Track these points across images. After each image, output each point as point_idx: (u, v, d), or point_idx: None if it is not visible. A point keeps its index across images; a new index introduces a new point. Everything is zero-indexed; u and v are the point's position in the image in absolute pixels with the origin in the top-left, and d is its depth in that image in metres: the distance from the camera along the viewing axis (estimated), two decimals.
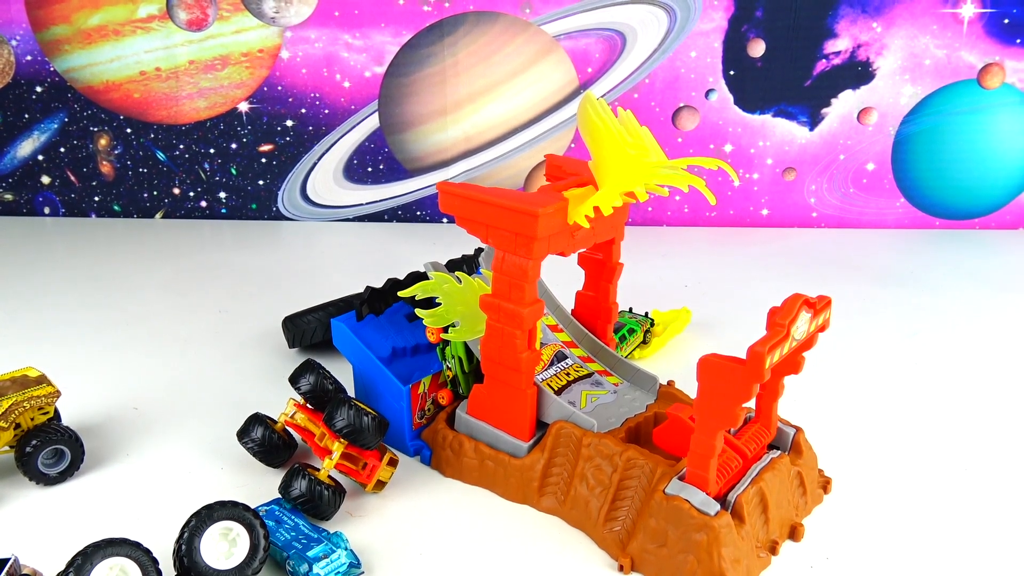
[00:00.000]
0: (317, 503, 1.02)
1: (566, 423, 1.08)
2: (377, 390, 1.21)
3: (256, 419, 1.15)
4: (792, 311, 0.90)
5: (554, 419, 1.09)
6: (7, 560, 0.85)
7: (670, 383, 1.22)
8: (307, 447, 1.20)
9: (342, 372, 1.26)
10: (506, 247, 1.02)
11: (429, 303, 1.15)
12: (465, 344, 1.17)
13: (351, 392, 1.28)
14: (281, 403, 1.22)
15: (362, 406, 1.06)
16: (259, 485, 1.12)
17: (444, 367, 1.21)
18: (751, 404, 0.91)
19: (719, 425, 0.90)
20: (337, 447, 1.06)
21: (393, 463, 1.11)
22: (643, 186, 1.02)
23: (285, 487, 1.04)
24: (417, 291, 1.14)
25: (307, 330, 1.48)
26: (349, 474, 1.09)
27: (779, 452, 1.05)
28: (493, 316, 1.07)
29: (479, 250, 1.35)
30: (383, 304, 1.27)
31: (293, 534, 0.98)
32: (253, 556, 0.91)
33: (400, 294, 1.18)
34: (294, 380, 1.16)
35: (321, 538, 0.97)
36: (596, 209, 1.01)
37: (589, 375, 1.23)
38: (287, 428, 1.16)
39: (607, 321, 1.27)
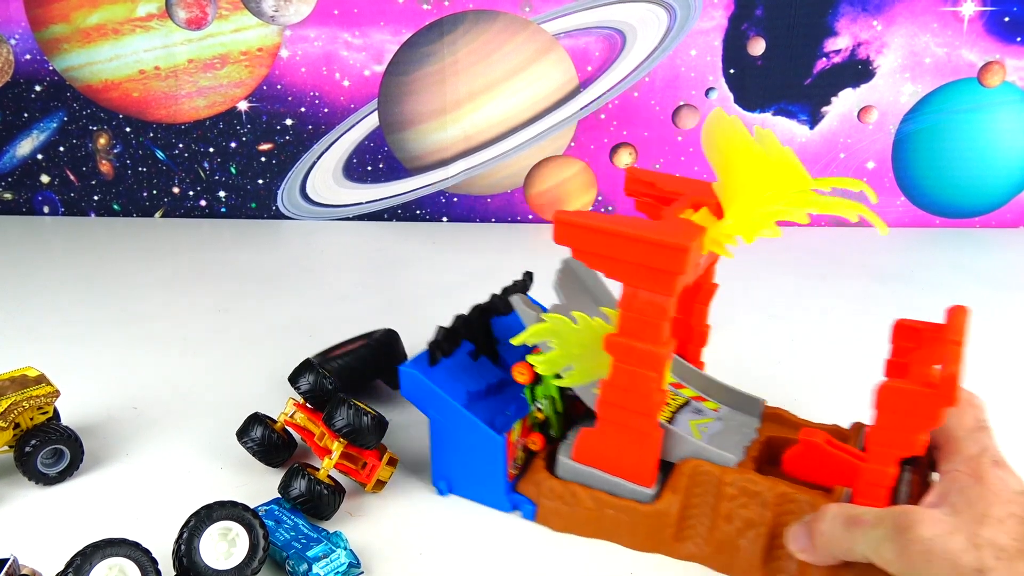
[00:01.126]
0: (316, 503, 1.02)
1: (702, 461, 0.98)
2: (463, 442, 1.07)
3: (255, 419, 1.15)
4: (962, 325, 0.85)
5: (681, 457, 0.99)
6: (6, 560, 0.85)
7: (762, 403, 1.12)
8: (307, 447, 1.20)
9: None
10: (639, 283, 0.90)
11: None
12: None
13: (426, 447, 1.13)
14: (280, 402, 1.22)
15: (362, 405, 1.06)
16: (259, 485, 1.12)
17: (532, 409, 1.09)
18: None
19: (897, 453, 0.84)
20: (337, 447, 1.06)
21: (393, 463, 1.11)
22: (801, 210, 0.92)
23: (285, 487, 1.03)
24: (529, 337, 1.00)
25: (338, 375, 1.28)
26: (349, 474, 1.09)
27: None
28: (621, 357, 0.94)
29: (528, 274, 1.24)
30: (453, 344, 1.13)
31: (293, 534, 0.98)
32: (252, 556, 0.91)
33: (512, 341, 1.02)
34: (293, 380, 1.16)
35: (321, 538, 0.97)
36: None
37: (686, 403, 1.11)
38: (287, 428, 1.16)
39: (700, 344, 1.18)
